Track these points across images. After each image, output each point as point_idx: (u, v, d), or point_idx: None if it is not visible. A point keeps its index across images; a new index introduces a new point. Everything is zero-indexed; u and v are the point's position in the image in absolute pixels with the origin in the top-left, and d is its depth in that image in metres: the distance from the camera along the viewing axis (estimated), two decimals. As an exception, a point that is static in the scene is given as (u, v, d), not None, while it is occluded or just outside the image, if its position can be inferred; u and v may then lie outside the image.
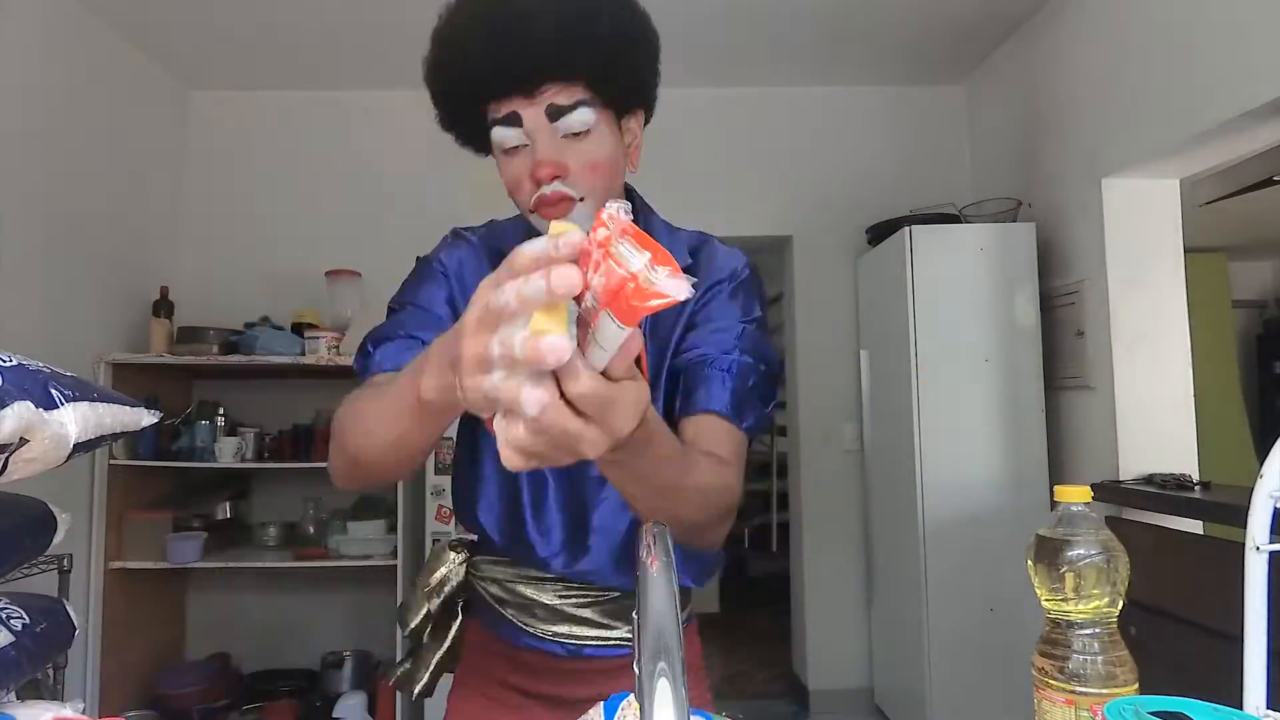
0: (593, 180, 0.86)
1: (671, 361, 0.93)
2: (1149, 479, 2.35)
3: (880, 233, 3.14)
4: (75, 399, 0.96)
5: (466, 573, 1.04)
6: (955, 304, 2.82)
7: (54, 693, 1.78)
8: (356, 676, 3.11)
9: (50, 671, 1.77)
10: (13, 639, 1.21)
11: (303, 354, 2.96)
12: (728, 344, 0.89)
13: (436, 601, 1.03)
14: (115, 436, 1.07)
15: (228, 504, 3.26)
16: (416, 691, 1.04)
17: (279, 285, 3.37)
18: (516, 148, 0.86)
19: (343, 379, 3.31)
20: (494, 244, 1.02)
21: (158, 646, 3.13)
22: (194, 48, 3.16)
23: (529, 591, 0.97)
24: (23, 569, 1.64)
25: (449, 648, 1.04)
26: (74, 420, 0.94)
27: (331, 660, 3.14)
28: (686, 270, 0.93)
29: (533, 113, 0.83)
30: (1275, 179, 2.82)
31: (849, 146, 3.57)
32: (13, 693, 1.23)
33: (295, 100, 3.53)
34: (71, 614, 1.44)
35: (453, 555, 1.04)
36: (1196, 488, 2.25)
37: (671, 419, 0.87)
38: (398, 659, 1.33)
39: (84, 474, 2.78)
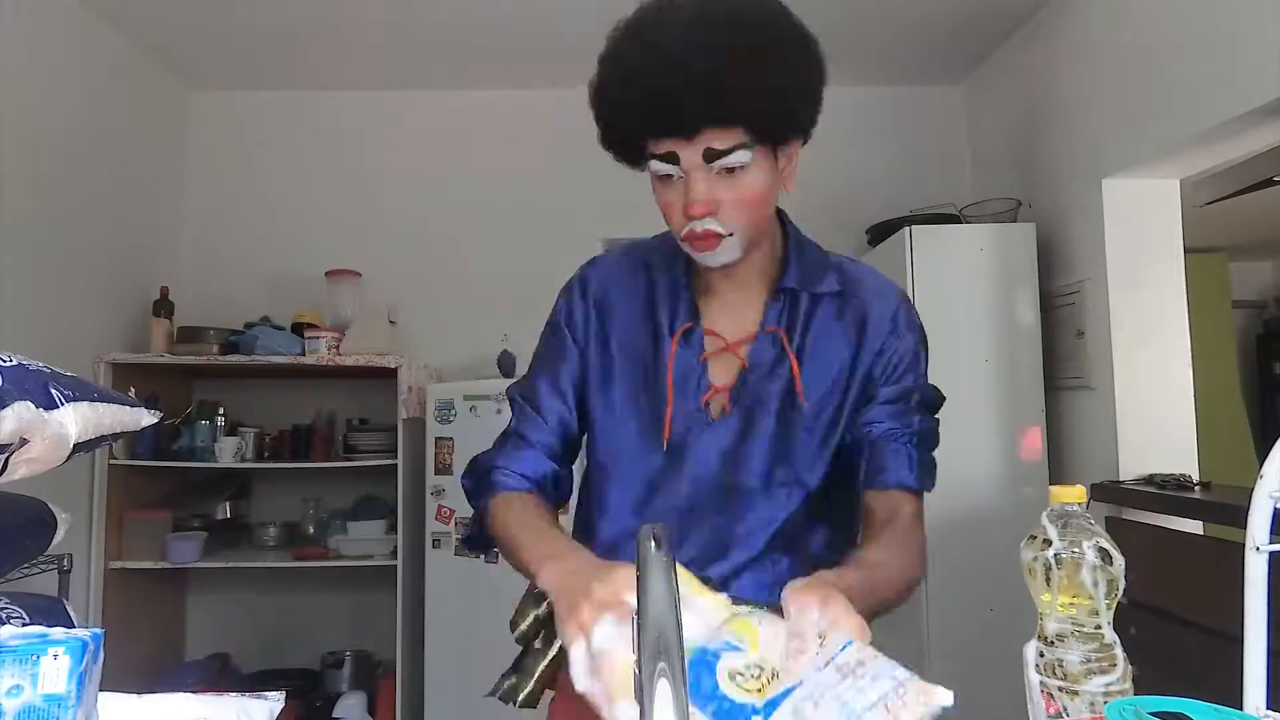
0: (742, 216, 0.90)
1: (852, 410, 0.99)
2: (1149, 479, 2.35)
3: (880, 233, 3.14)
4: (75, 399, 0.96)
5: None
6: (955, 304, 2.82)
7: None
8: (356, 676, 3.11)
9: (50, 671, 1.77)
10: (13, 639, 1.21)
11: (303, 354, 2.96)
12: (908, 408, 1.01)
13: (545, 604, 0.93)
14: (115, 436, 1.07)
15: (228, 504, 3.26)
16: (520, 702, 0.96)
17: (279, 285, 3.37)
18: (671, 177, 0.89)
19: (343, 379, 3.31)
20: (644, 258, 1.06)
21: (158, 646, 3.13)
22: (194, 48, 3.16)
23: None
24: (23, 569, 1.64)
25: (555, 658, 0.94)
26: (74, 420, 0.94)
27: (331, 660, 3.14)
28: (838, 296, 1.01)
29: (690, 154, 0.86)
30: (1275, 179, 2.82)
31: (849, 146, 3.57)
32: (13, 693, 1.23)
33: (295, 100, 3.53)
34: (71, 614, 1.44)
35: None
36: (1196, 488, 2.24)
37: (847, 462, 0.99)
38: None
39: (84, 474, 2.78)
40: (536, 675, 0.97)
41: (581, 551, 0.82)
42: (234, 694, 0.72)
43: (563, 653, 0.95)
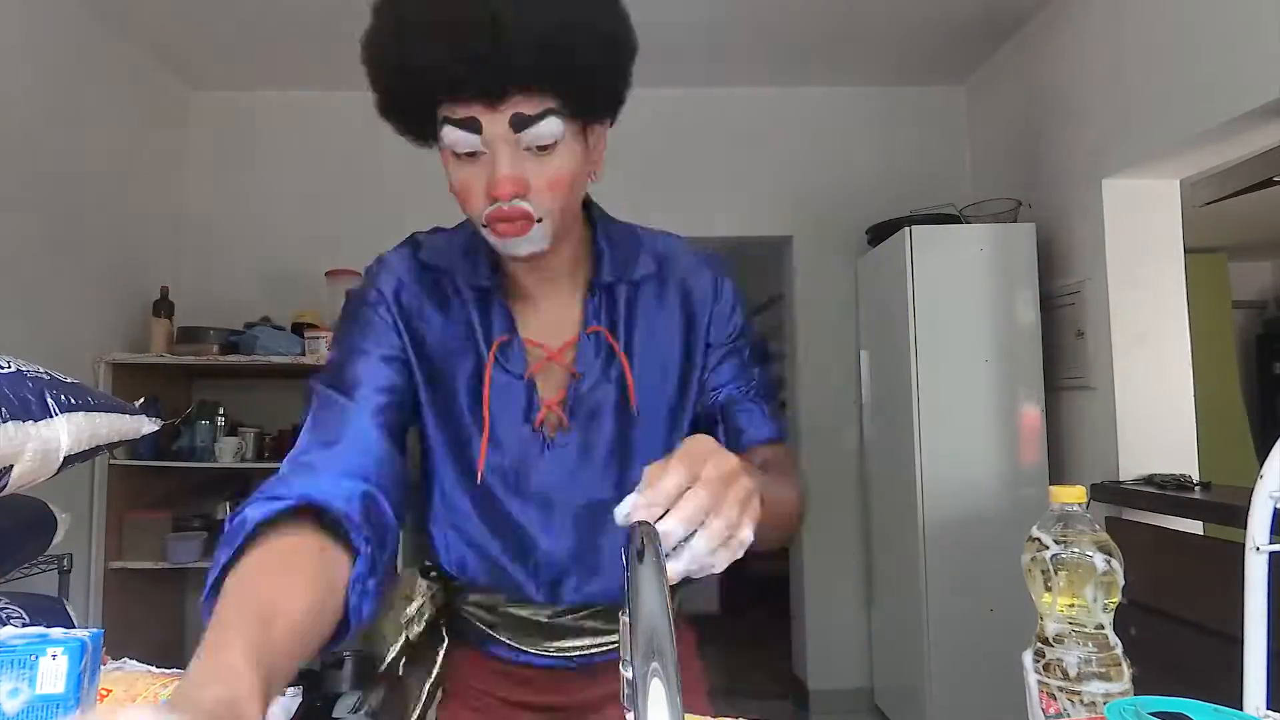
0: (553, 199, 0.79)
1: (699, 389, 0.93)
2: (1149, 479, 2.35)
3: (880, 233, 3.14)
4: (72, 408, 0.95)
5: (445, 599, 0.96)
6: (955, 304, 2.82)
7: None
8: (356, 676, 3.11)
9: (50, 671, 1.77)
10: (13, 639, 1.21)
11: (303, 354, 2.96)
12: (744, 364, 0.94)
13: (417, 630, 0.94)
14: (113, 445, 1.07)
15: (228, 504, 3.25)
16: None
17: (279, 285, 3.37)
18: (472, 154, 0.77)
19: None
20: (432, 261, 0.92)
21: (158, 646, 3.13)
22: (194, 48, 3.16)
23: (524, 613, 0.91)
24: (23, 569, 1.64)
25: (439, 673, 0.94)
26: (66, 432, 0.94)
27: (331, 660, 3.13)
28: (656, 278, 0.92)
29: (495, 120, 0.74)
30: (1275, 179, 2.82)
31: (849, 146, 3.57)
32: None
33: (295, 100, 3.53)
34: (71, 614, 1.44)
35: (424, 585, 0.96)
36: (1196, 488, 2.25)
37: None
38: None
39: (84, 474, 2.78)
40: (424, 696, 0.92)
41: (206, 680, 0.49)
42: None
43: (444, 670, 0.94)
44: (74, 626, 1.42)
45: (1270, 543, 0.67)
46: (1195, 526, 2.14)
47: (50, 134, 2.65)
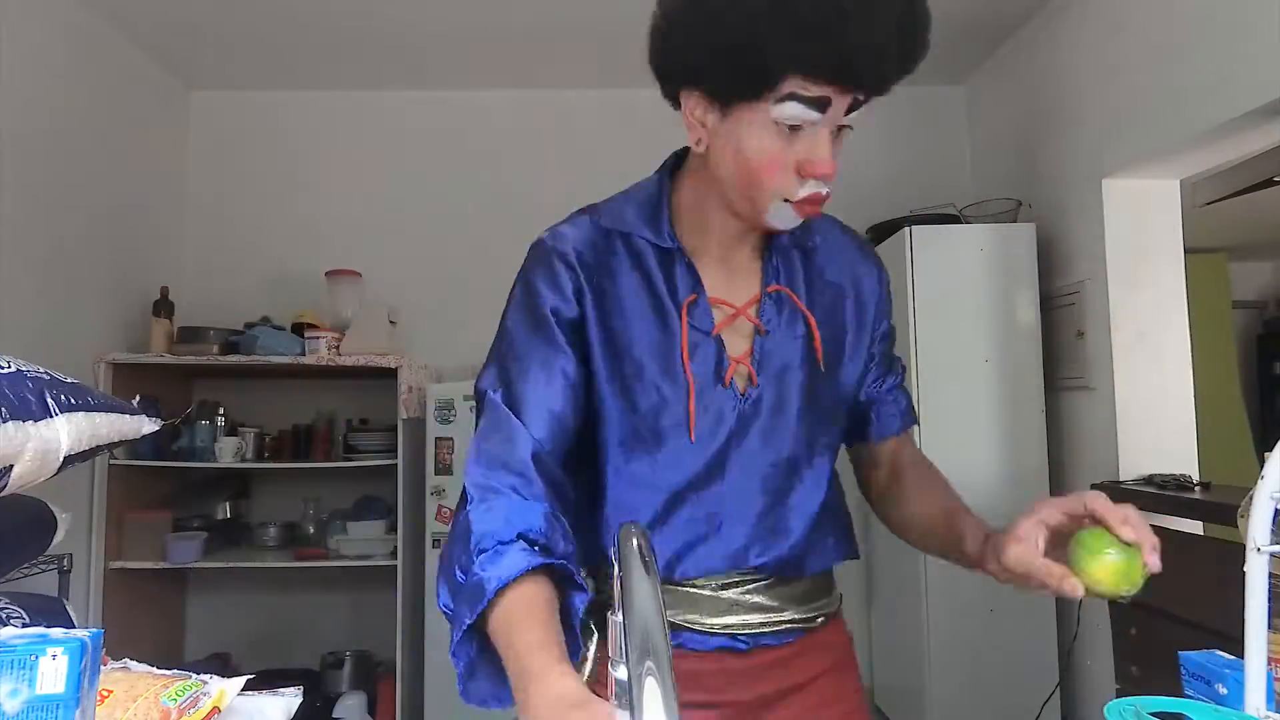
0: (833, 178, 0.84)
1: (864, 370, 1.00)
2: (1149, 479, 2.35)
3: (880, 233, 3.14)
4: (72, 408, 0.95)
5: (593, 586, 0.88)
6: (955, 304, 2.82)
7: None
8: (356, 676, 3.11)
9: (50, 671, 1.77)
10: (13, 639, 1.21)
11: (303, 354, 2.96)
12: (889, 356, 1.03)
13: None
14: (113, 445, 1.07)
15: (228, 504, 3.26)
16: None
17: (279, 285, 3.37)
18: (799, 129, 0.78)
19: (343, 379, 3.31)
20: (613, 226, 0.90)
21: (158, 646, 3.13)
22: (194, 48, 3.16)
23: (696, 586, 0.89)
24: (23, 569, 1.64)
25: (593, 669, 0.85)
26: (66, 432, 0.94)
27: (331, 660, 3.14)
28: (815, 251, 0.97)
29: (842, 103, 0.77)
30: (1275, 179, 2.82)
31: (849, 146, 3.54)
32: (13, 693, 1.23)
33: (295, 100, 3.53)
34: (71, 614, 1.44)
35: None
36: (1196, 488, 2.25)
37: (861, 411, 1.02)
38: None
39: (84, 474, 2.78)
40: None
41: (566, 668, 0.63)
42: (249, 691, 0.71)
43: (595, 671, 0.85)
44: (74, 626, 1.42)
45: (1270, 543, 0.67)
46: (1195, 526, 2.14)
47: (50, 134, 2.65)
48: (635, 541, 0.49)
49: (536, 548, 0.73)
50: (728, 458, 0.89)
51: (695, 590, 0.89)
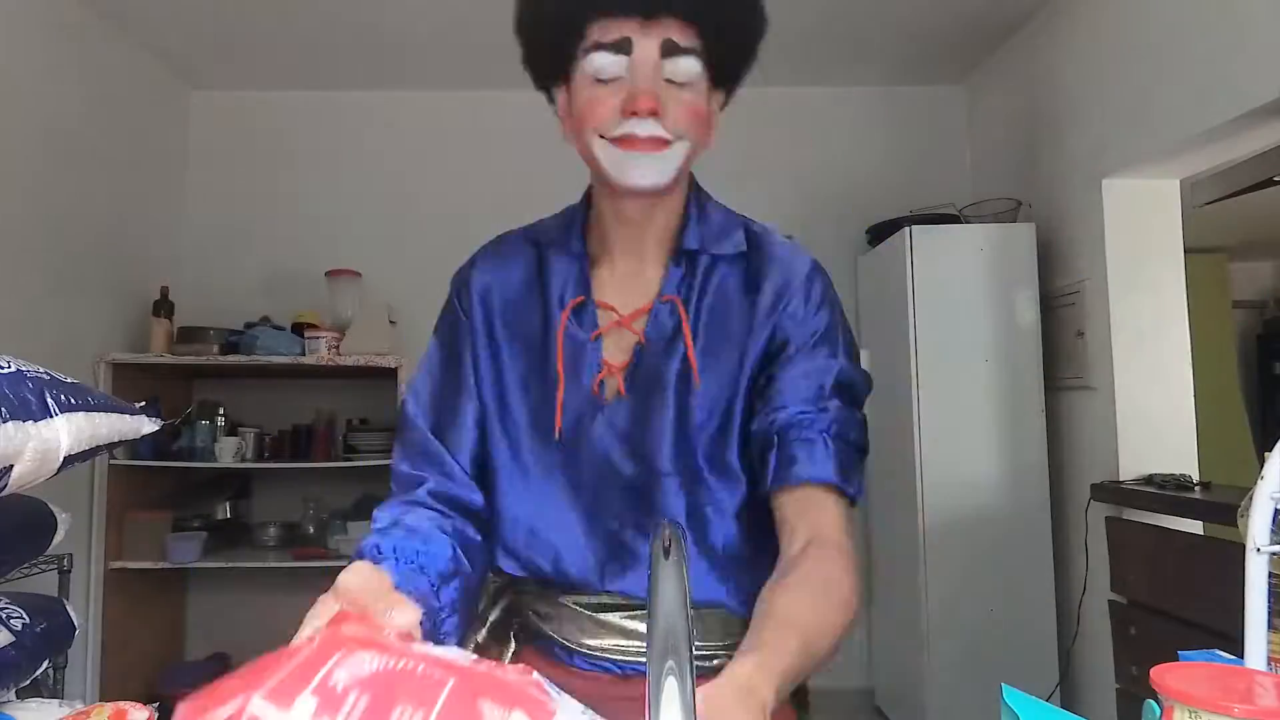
0: (689, 124, 0.80)
1: (765, 390, 0.84)
2: (1149, 479, 2.35)
3: (880, 233, 3.14)
4: (72, 408, 0.95)
5: (510, 596, 0.94)
6: (955, 304, 2.82)
7: (54, 692, 1.78)
8: (356, 676, 3.11)
9: (50, 671, 1.77)
10: (13, 639, 1.21)
11: (303, 354, 2.96)
12: (821, 392, 0.82)
13: (483, 631, 0.92)
14: (113, 445, 1.07)
15: (228, 504, 3.26)
16: None
17: (279, 285, 3.37)
18: (611, 80, 0.79)
19: (343, 379, 3.31)
20: (539, 238, 0.95)
21: (158, 646, 3.13)
22: (194, 48, 3.16)
23: (576, 601, 0.88)
24: (23, 569, 1.64)
25: None
26: (66, 432, 0.93)
27: (331, 660, 3.13)
28: (744, 258, 0.89)
29: (646, 43, 0.77)
30: (1275, 179, 2.82)
31: (849, 146, 3.57)
32: (13, 692, 1.23)
33: (295, 100, 3.53)
34: (71, 614, 1.44)
35: (490, 579, 0.93)
36: (1196, 488, 2.25)
37: (745, 443, 0.85)
38: None
39: (84, 474, 2.78)
40: None
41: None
42: None
43: None
44: (74, 627, 1.42)
45: (1270, 543, 0.67)
46: (1195, 526, 2.14)
47: (50, 133, 2.65)
48: (665, 541, 0.49)
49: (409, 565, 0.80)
50: (585, 466, 0.87)
51: (575, 608, 0.88)
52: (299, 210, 3.48)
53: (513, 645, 0.93)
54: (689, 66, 0.79)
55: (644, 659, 0.85)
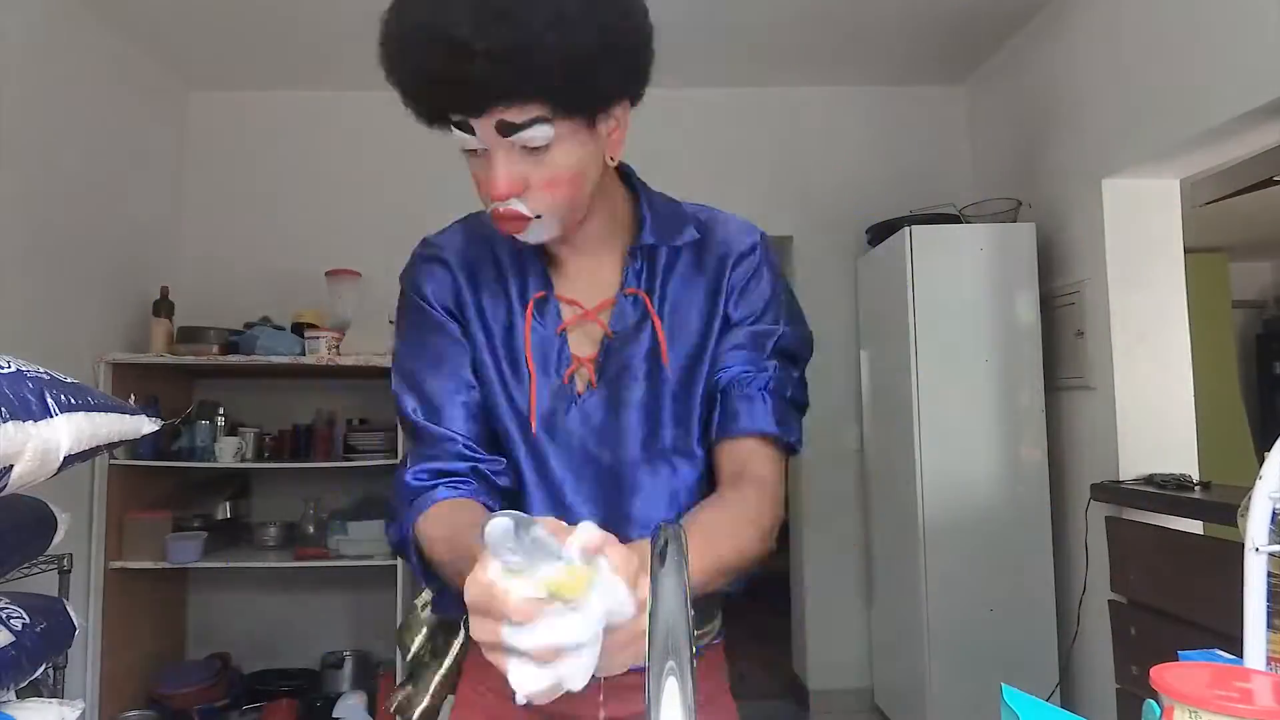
0: (553, 198, 0.80)
1: (713, 359, 0.90)
2: (1149, 479, 2.35)
3: (880, 233, 3.14)
4: (72, 408, 0.95)
5: None
6: (955, 304, 2.82)
7: (54, 692, 1.78)
8: (356, 676, 3.11)
9: (50, 671, 1.78)
10: (13, 639, 1.21)
11: (303, 354, 2.96)
12: (762, 353, 0.89)
13: (435, 618, 0.96)
14: (113, 445, 1.07)
15: (228, 504, 3.26)
16: (416, 716, 0.97)
17: (279, 285, 3.37)
18: (476, 150, 0.81)
19: (343, 379, 3.31)
20: (482, 232, 0.96)
21: (158, 646, 3.13)
22: (194, 48, 3.16)
23: None
24: (23, 569, 1.64)
25: (450, 667, 0.96)
26: (67, 433, 0.94)
27: (331, 660, 3.14)
28: (696, 245, 0.92)
29: (484, 127, 0.77)
30: (1275, 179, 2.82)
31: (849, 146, 3.57)
32: (13, 692, 1.23)
33: (295, 100, 3.53)
34: (71, 614, 1.44)
35: None
36: (1196, 488, 2.25)
37: (707, 421, 0.90)
38: (397, 681, 1.26)
39: (84, 474, 2.78)
40: (432, 688, 0.97)
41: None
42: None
43: (455, 663, 0.97)
44: (74, 627, 1.42)
45: (1269, 543, 0.67)
46: (1195, 526, 2.14)
47: (50, 133, 2.65)
48: (665, 538, 0.49)
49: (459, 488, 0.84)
50: (559, 457, 0.90)
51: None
52: (298, 210, 3.48)
53: (462, 634, 0.97)
54: (537, 134, 0.76)
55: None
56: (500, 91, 0.73)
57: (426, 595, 0.97)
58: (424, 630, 0.97)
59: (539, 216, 0.81)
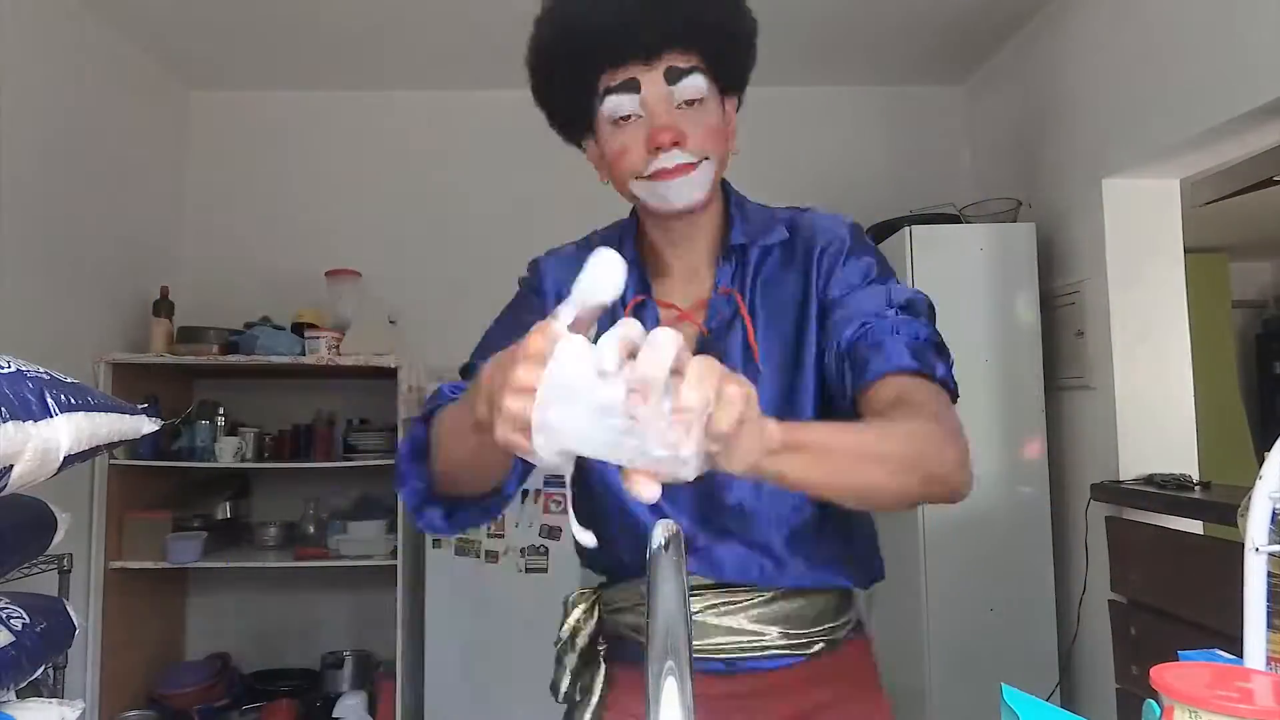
0: (710, 143, 0.87)
1: (823, 339, 0.90)
2: (1149, 479, 2.35)
3: (880, 233, 3.14)
4: (72, 408, 0.95)
5: (599, 614, 0.98)
6: (955, 304, 2.81)
7: (54, 692, 1.78)
8: (356, 676, 3.11)
9: (50, 671, 1.77)
10: (13, 639, 1.21)
11: (303, 354, 2.96)
12: (882, 307, 0.88)
13: (573, 656, 0.96)
14: (113, 445, 1.07)
15: (228, 504, 3.26)
16: None
17: (279, 285, 3.37)
18: (628, 117, 0.86)
19: (343, 379, 3.31)
20: (586, 250, 1.00)
21: (158, 646, 3.13)
22: (194, 48, 3.16)
23: None
24: (23, 569, 1.64)
25: (598, 703, 0.94)
26: (67, 433, 0.93)
27: (331, 660, 3.14)
28: (786, 244, 0.95)
29: (651, 78, 0.84)
30: (1275, 179, 2.82)
31: (849, 146, 3.57)
32: (13, 692, 1.23)
33: (295, 100, 3.53)
34: (71, 614, 1.44)
35: (578, 604, 0.98)
36: (1196, 488, 2.24)
37: (838, 406, 0.88)
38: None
39: (84, 474, 2.78)
40: None
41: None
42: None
43: (601, 698, 0.95)
44: (74, 627, 1.42)
45: (1269, 543, 0.67)
46: (1195, 526, 2.14)
47: (50, 133, 2.65)
48: (663, 539, 0.49)
49: None
50: None
51: None
52: (298, 210, 3.48)
53: (603, 667, 0.96)
54: (696, 84, 0.86)
55: (744, 654, 0.90)
56: (673, 35, 0.83)
57: (562, 634, 0.98)
58: (568, 671, 0.97)
59: (703, 160, 0.87)
